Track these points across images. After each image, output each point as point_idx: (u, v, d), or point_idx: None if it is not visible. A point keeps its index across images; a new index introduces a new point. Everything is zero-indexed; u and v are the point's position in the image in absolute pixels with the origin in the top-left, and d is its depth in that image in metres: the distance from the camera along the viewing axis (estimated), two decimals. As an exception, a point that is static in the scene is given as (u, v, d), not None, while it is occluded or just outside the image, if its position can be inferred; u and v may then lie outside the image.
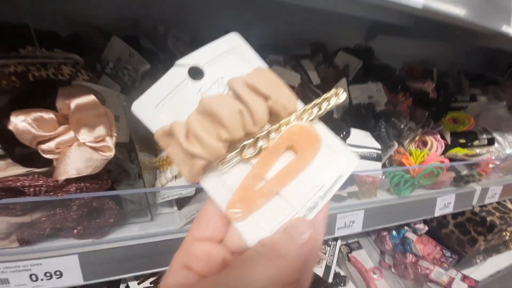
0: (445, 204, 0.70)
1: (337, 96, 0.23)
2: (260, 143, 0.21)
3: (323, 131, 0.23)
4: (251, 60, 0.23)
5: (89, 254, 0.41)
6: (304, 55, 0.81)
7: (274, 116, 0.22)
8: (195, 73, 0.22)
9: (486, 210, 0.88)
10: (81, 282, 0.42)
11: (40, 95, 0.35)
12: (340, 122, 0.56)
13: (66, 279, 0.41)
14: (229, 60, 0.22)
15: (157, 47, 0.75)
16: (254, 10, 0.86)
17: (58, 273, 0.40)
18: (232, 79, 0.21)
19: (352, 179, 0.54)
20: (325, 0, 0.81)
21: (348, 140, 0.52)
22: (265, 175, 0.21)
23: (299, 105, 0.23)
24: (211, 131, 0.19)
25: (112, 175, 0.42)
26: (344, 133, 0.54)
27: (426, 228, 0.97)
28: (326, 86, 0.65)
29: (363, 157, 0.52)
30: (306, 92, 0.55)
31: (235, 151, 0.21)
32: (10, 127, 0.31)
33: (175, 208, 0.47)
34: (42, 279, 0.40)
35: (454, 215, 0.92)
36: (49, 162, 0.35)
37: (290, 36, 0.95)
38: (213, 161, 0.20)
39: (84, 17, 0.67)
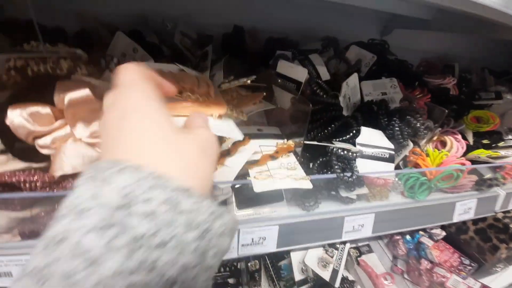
0: (465, 209, 0.65)
1: None
2: None
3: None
4: None
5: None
6: (314, 50, 0.77)
7: None
8: None
9: (509, 216, 0.82)
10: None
11: (40, 90, 0.35)
12: (350, 120, 0.53)
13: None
14: None
15: (164, 43, 0.75)
16: (264, 4, 0.84)
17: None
18: None
19: (361, 181, 0.51)
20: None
21: (358, 139, 0.49)
22: None
23: None
24: None
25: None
26: (354, 131, 0.51)
27: (444, 233, 0.92)
28: (336, 81, 0.61)
29: (374, 157, 0.48)
30: (314, 88, 0.52)
31: None
32: (7, 121, 0.30)
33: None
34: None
35: (475, 221, 0.86)
36: (47, 157, 0.35)
37: (301, 31, 0.91)
38: None
39: (93, 14, 0.67)
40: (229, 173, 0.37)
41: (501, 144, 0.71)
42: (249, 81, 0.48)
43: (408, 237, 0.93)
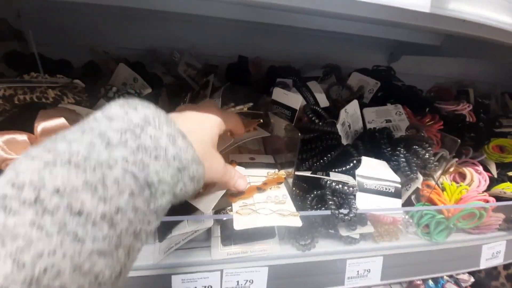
0: (493, 253, 0.56)
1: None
2: None
3: None
4: None
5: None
6: (315, 78, 0.77)
7: None
8: None
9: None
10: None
11: (25, 118, 0.35)
12: (350, 148, 0.49)
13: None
14: None
15: (170, 73, 0.78)
16: (268, 35, 0.86)
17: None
18: None
19: (363, 218, 0.45)
20: (342, 23, 0.78)
21: (358, 171, 0.44)
22: None
23: None
24: None
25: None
26: (354, 161, 0.47)
27: (472, 279, 0.79)
28: (337, 108, 0.59)
29: (377, 191, 0.43)
30: (310, 115, 0.50)
31: None
32: (-17, 149, 0.30)
33: (156, 240, 0.42)
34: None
35: (507, 265, 0.73)
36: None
37: (305, 60, 0.92)
38: None
39: (106, 48, 0.72)
40: (207, 203, 0.34)
41: (531, 177, 0.63)
42: (245, 108, 0.47)
43: (431, 282, 0.81)
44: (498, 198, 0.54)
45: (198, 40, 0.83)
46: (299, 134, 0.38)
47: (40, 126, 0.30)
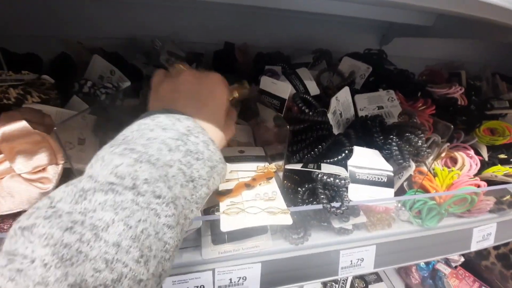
0: (483, 236, 0.57)
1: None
2: None
3: None
4: None
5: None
6: (306, 64, 0.73)
7: None
8: None
9: (539, 242, 0.71)
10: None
11: (-14, 120, 0.32)
12: (342, 138, 0.47)
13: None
14: None
15: (151, 63, 0.73)
16: (256, 19, 0.82)
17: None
18: None
19: (356, 209, 0.44)
20: (332, 5, 0.74)
21: (350, 161, 0.43)
22: None
23: None
24: None
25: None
26: (346, 151, 0.45)
27: (462, 259, 0.82)
28: (328, 96, 0.57)
29: (369, 182, 0.42)
30: (299, 104, 0.47)
31: None
32: None
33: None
34: None
35: (496, 245, 0.76)
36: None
37: (294, 45, 0.89)
38: None
39: (80, 39, 0.67)
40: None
41: (521, 158, 0.63)
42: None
43: (422, 263, 0.83)
44: (489, 182, 0.54)
45: (181, 27, 0.78)
46: (288, 126, 0.36)
47: (0, 131, 0.27)
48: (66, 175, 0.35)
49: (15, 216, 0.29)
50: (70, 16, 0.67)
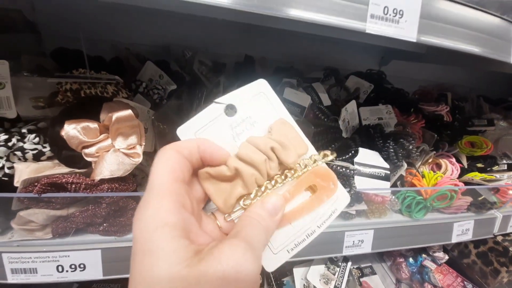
0: (462, 230, 0.68)
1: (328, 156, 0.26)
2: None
3: None
4: (276, 105, 0.26)
5: (111, 251, 0.45)
6: (317, 79, 0.86)
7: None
8: (229, 109, 0.25)
9: (509, 240, 0.83)
10: (100, 276, 0.45)
11: (86, 109, 0.42)
12: (349, 141, 0.58)
13: (88, 272, 0.45)
14: (258, 102, 0.26)
15: (184, 70, 0.84)
16: (272, 38, 0.94)
17: (82, 266, 0.45)
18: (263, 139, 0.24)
19: (359, 197, 0.55)
20: (340, 31, 0.87)
21: (356, 159, 0.54)
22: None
23: (310, 149, 0.26)
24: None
25: (137, 179, 0.48)
26: (353, 151, 0.56)
27: (447, 257, 0.92)
28: (337, 107, 0.68)
29: (371, 175, 0.53)
30: (316, 112, 0.59)
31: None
32: (62, 133, 0.37)
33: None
34: (67, 271, 0.44)
35: (476, 245, 0.87)
36: (88, 164, 0.41)
37: (305, 61, 1.01)
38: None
39: (125, 45, 0.78)
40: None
41: (495, 168, 0.75)
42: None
43: (411, 260, 0.93)
44: (467, 184, 0.66)
45: (207, 39, 0.90)
46: (312, 127, 0.47)
47: (115, 116, 0.37)
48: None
49: (112, 180, 0.39)
50: (114, 23, 0.78)
